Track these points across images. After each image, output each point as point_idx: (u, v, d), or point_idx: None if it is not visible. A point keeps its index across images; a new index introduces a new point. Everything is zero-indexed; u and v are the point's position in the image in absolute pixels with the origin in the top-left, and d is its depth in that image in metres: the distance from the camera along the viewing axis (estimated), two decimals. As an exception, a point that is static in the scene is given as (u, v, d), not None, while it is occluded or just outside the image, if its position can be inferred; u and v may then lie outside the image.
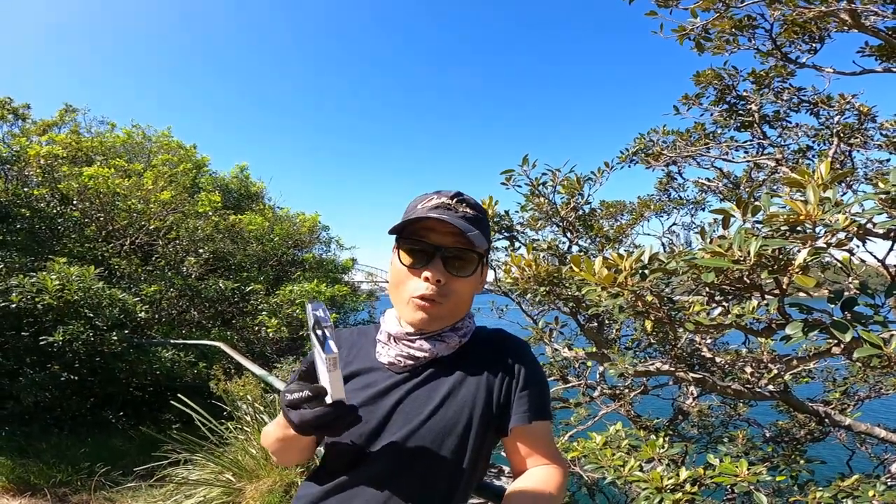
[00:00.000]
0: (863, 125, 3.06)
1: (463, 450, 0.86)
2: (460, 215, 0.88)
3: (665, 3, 2.32)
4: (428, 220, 0.85)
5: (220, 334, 7.02)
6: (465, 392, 0.88)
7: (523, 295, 3.89)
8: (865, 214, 1.18)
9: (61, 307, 4.87)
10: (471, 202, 0.91)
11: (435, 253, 0.86)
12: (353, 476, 0.86)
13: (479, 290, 0.96)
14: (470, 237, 0.83)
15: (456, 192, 0.91)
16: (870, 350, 1.12)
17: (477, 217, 0.90)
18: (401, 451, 0.85)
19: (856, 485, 1.56)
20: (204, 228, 7.99)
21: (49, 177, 7.51)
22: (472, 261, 0.88)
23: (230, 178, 11.38)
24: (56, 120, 10.50)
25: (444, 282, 0.86)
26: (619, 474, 1.95)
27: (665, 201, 6.04)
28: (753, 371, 2.26)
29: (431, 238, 0.86)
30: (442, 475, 0.85)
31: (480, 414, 0.87)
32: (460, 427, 0.86)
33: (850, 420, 2.24)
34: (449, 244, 0.86)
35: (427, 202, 0.90)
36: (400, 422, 0.86)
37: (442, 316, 0.88)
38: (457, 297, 0.88)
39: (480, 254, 0.89)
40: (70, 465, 3.84)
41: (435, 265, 0.85)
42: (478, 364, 0.91)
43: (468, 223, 0.87)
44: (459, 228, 0.83)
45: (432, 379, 0.90)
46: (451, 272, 0.86)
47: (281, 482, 2.77)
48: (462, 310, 0.92)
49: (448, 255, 0.86)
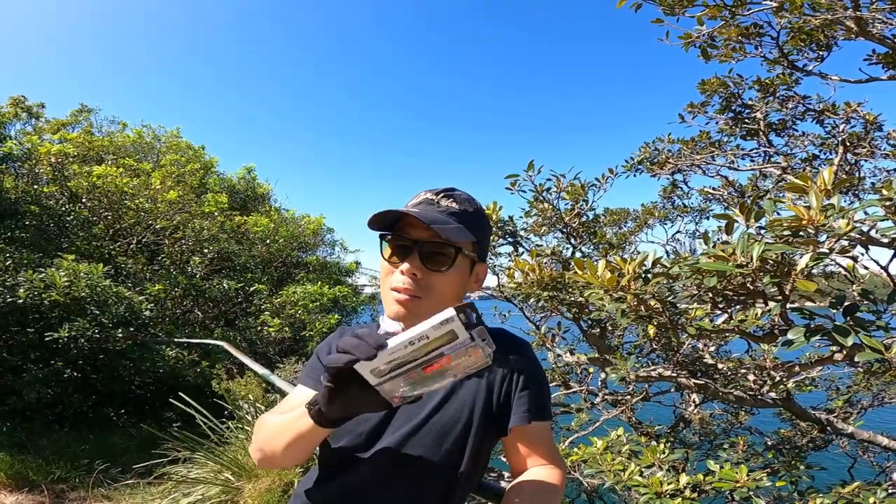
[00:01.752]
0: (869, 134, 3.05)
1: (462, 449, 0.86)
2: (441, 210, 0.88)
3: (672, 11, 2.34)
4: (409, 216, 0.85)
5: (224, 334, 7.05)
6: (464, 391, 0.88)
7: (526, 300, 3.89)
8: (869, 221, 1.18)
9: (68, 304, 4.91)
10: (460, 197, 0.91)
11: (413, 247, 0.86)
12: (352, 476, 0.86)
13: (472, 288, 0.95)
14: (436, 229, 0.81)
15: (446, 188, 0.91)
16: (871, 355, 1.11)
17: (464, 212, 0.89)
18: (400, 450, 0.84)
19: (857, 491, 1.54)
20: (210, 228, 8.06)
21: (59, 175, 7.61)
22: (448, 255, 0.86)
23: (237, 179, 11.47)
24: (70, 119, 10.64)
25: (420, 276, 0.85)
26: (618, 479, 1.94)
27: (669, 209, 6.04)
28: (756, 378, 2.24)
29: (411, 233, 0.86)
30: (441, 475, 0.85)
31: (480, 414, 0.87)
32: (460, 427, 0.86)
33: (852, 428, 2.22)
34: (425, 238, 0.85)
35: (415, 198, 0.91)
36: (399, 421, 0.86)
37: (422, 312, 0.84)
38: (438, 293, 0.86)
39: (458, 248, 0.86)
40: (69, 461, 3.85)
41: (411, 259, 0.85)
42: None
43: (450, 217, 0.86)
44: (424, 222, 0.82)
45: None
46: (427, 267, 0.86)
47: (280, 482, 2.77)
48: (447, 307, 0.90)
49: (425, 250, 0.86)
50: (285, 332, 6.73)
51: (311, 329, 7.09)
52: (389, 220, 0.88)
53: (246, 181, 11.51)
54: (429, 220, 0.82)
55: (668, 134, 4.01)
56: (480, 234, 0.93)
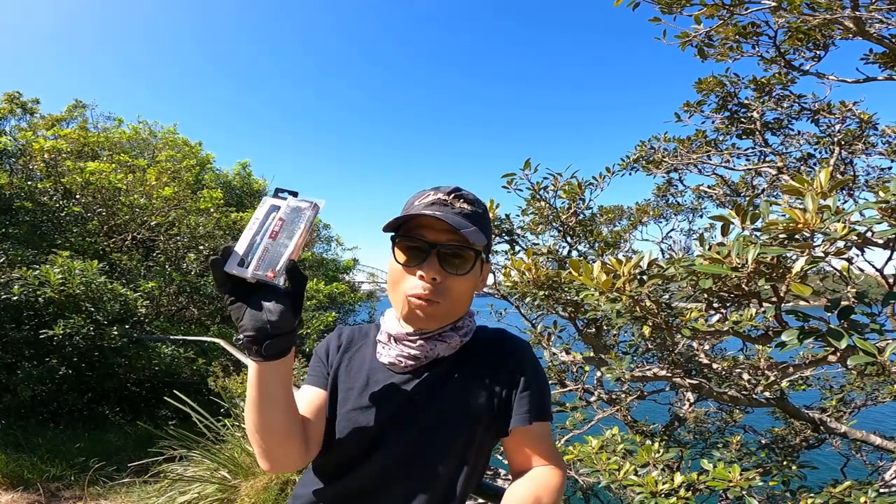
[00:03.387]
0: (864, 133, 3.06)
1: (463, 450, 0.86)
2: (457, 211, 0.86)
3: (669, 9, 2.33)
4: (423, 217, 0.83)
5: (220, 331, 7.03)
6: (464, 391, 0.88)
7: (522, 299, 3.89)
8: (865, 223, 1.18)
9: (62, 301, 4.89)
10: (469, 198, 0.89)
11: (430, 250, 0.83)
12: (353, 476, 0.85)
13: (479, 288, 0.93)
14: (464, 234, 0.80)
15: (454, 188, 0.89)
16: (864, 358, 1.12)
17: (475, 213, 0.88)
18: (401, 451, 0.84)
19: (848, 491, 1.55)
20: (205, 225, 8.02)
21: (53, 171, 7.55)
22: (468, 258, 0.85)
23: (233, 175, 11.42)
24: (64, 115, 10.56)
25: (439, 280, 0.83)
26: (613, 478, 1.94)
27: (663, 206, 6.05)
28: (750, 378, 2.26)
29: (427, 235, 0.84)
30: (442, 476, 0.84)
31: (481, 414, 0.87)
32: (461, 427, 0.86)
33: (845, 427, 2.24)
34: (444, 241, 0.83)
35: (424, 198, 0.88)
36: (401, 422, 0.86)
37: (439, 315, 0.86)
38: (454, 296, 0.86)
39: (477, 251, 0.86)
40: (64, 459, 3.84)
41: (430, 263, 0.83)
42: (479, 364, 0.90)
43: (465, 219, 0.85)
44: (453, 226, 0.80)
45: (433, 379, 0.89)
46: (447, 270, 0.84)
47: (276, 480, 2.77)
48: (461, 309, 0.89)
49: (444, 253, 0.84)
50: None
51: (308, 327, 7.07)
52: (399, 221, 0.85)
53: (241, 177, 11.47)
54: (454, 224, 0.81)
55: (664, 133, 4.01)
56: (490, 235, 0.94)
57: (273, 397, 0.76)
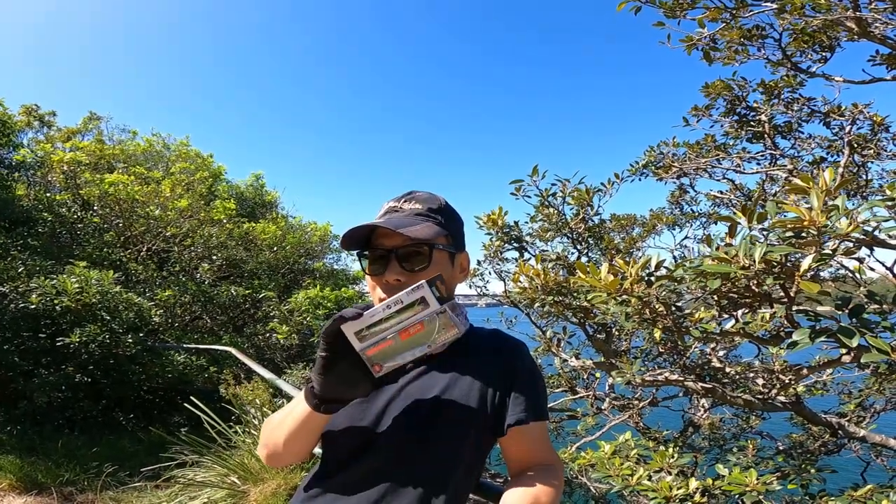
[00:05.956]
0: (876, 135, 3.02)
1: (458, 448, 0.86)
2: (406, 213, 0.92)
3: (672, 13, 2.34)
4: (377, 228, 0.89)
5: (232, 340, 7.09)
6: (459, 390, 0.88)
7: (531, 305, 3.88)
8: (873, 221, 1.17)
9: (79, 310, 4.99)
10: (421, 198, 0.95)
11: (390, 255, 0.88)
12: (348, 475, 0.86)
13: (458, 278, 0.98)
14: (405, 232, 0.84)
15: (406, 193, 0.96)
16: (877, 356, 1.10)
17: (428, 209, 0.93)
18: (394, 449, 0.85)
19: (869, 494, 1.52)
20: (218, 235, 8.14)
21: (71, 183, 7.75)
22: (424, 253, 0.89)
23: (246, 186, 11.59)
24: (80, 127, 10.84)
25: (404, 280, 0.87)
26: (627, 484, 1.92)
27: (678, 214, 5.99)
28: (765, 382, 2.22)
29: (385, 243, 0.89)
30: (439, 475, 0.84)
31: (477, 414, 0.87)
32: (457, 427, 0.86)
33: (864, 432, 2.19)
34: (399, 244, 0.88)
35: (380, 210, 0.96)
36: (393, 420, 0.87)
37: None
38: None
39: (431, 244, 0.89)
40: (78, 464, 3.89)
41: (391, 267, 0.88)
42: (473, 363, 0.91)
43: (417, 219, 0.90)
44: (391, 229, 0.85)
45: (426, 376, 0.90)
46: (407, 269, 0.88)
47: (286, 485, 2.78)
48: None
49: (402, 254, 0.88)
50: (293, 338, 6.77)
51: (318, 335, 7.08)
52: (363, 238, 0.91)
53: (254, 188, 11.63)
54: (395, 225, 0.86)
55: (672, 137, 4.00)
56: (450, 225, 0.96)
57: (309, 429, 0.86)
